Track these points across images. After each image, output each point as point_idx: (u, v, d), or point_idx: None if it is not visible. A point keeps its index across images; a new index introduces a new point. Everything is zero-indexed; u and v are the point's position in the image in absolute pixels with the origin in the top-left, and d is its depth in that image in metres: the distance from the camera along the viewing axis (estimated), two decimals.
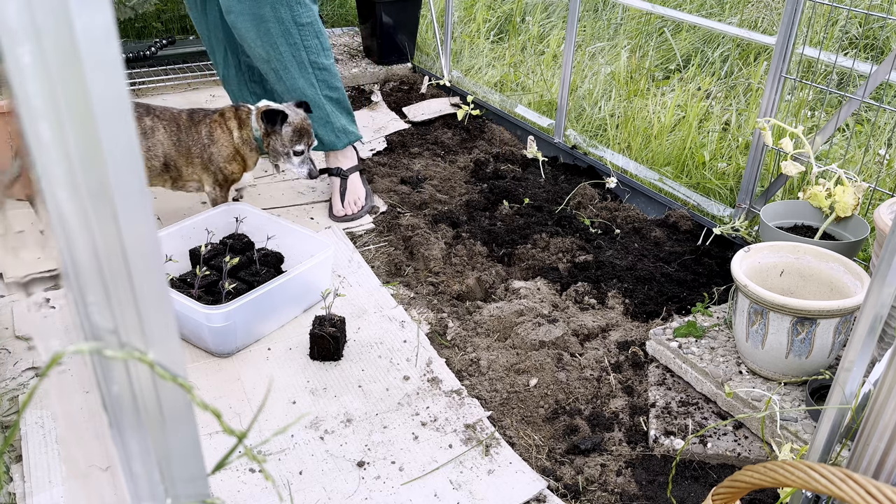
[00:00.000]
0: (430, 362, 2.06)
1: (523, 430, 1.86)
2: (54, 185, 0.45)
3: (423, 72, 4.23)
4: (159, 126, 2.43)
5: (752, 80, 3.60)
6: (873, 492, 0.76)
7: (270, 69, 2.62)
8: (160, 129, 2.43)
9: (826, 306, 1.68)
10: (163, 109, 2.49)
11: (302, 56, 2.62)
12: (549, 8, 4.76)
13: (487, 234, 2.66)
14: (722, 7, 4.48)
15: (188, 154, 2.46)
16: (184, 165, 2.48)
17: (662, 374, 1.99)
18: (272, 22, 2.50)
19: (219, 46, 2.80)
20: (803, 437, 1.67)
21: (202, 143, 2.45)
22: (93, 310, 0.49)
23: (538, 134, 3.42)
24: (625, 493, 1.67)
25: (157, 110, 2.47)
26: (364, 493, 1.64)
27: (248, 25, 2.50)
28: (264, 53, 2.57)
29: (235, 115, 2.47)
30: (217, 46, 2.80)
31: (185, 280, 2.20)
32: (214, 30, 2.76)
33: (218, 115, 2.47)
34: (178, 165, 2.48)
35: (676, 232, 2.70)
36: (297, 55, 2.61)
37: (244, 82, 2.89)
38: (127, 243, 0.47)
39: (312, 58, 2.65)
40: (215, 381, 1.97)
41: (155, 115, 2.45)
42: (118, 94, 0.44)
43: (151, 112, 2.46)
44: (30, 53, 0.42)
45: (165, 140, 2.43)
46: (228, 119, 2.46)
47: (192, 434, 0.55)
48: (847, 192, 2.13)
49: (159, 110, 2.48)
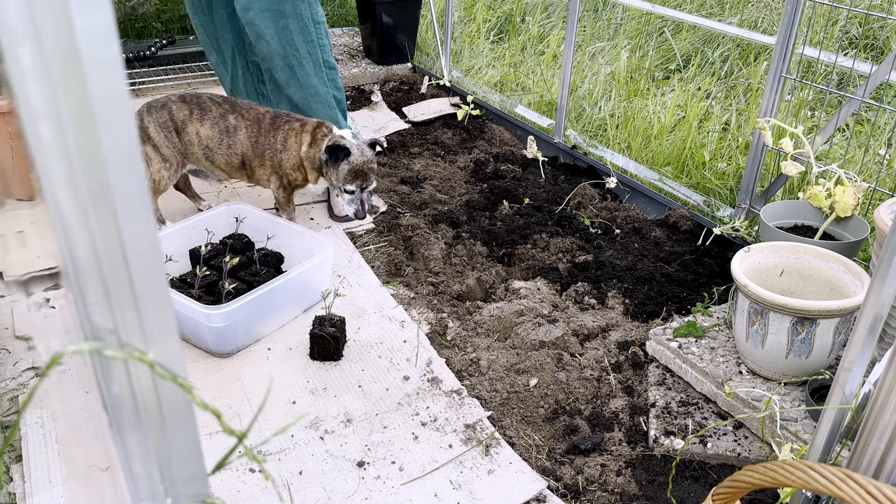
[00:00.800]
0: (430, 362, 2.06)
1: (523, 430, 1.86)
2: (54, 185, 0.45)
3: (423, 72, 4.23)
4: (242, 126, 2.47)
5: (752, 80, 3.60)
6: (873, 492, 0.76)
7: (285, 65, 2.63)
8: (242, 128, 2.47)
9: (826, 306, 1.68)
10: (248, 108, 2.51)
11: (317, 54, 2.65)
12: (549, 8, 4.76)
13: (487, 234, 2.66)
14: (722, 7, 4.48)
15: (262, 156, 2.50)
16: (257, 166, 2.52)
17: (662, 374, 1.99)
18: (292, 17, 2.53)
19: (226, 47, 2.81)
20: (803, 437, 1.67)
21: (275, 148, 2.48)
22: (93, 310, 0.49)
23: (538, 134, 3.42)
24: (625, 493, 1.67)
25: (242, 109, 2.50)
26: (364, 493, 1.64)
27: (267, 22, 2.52)
28: (280, 49, 2.58)
29: (313, 131, 2.48)
30: (224, 47, 2.81)
31: (185, 280, 2.20)
32: (222, 31, 2.76)
33: (299, 124, 2.49)
34: (252, 164, 2.52)
35: (676, 232, 2.70)
36: (313, 52, 2.64)
37: (252, 83, 2.91)
38: (127, 243, 0.47)
39: (325, 56, 2.69)
40: (215, 381, 1.97)
41: (240, 113, 2.48)
42: (118, 94, 0.44)
43: (237, 110, 2.48)
44: (30, 53, 0.42)
45: (245, 140, 2.47)
46: (304, 132, 2.48)
47: (192, 434, 0.55)
48: (847, 192, 2.13)
49: (245, 109, 2.50)
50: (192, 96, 2.52)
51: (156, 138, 2.46)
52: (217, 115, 2.48)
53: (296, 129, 2.48)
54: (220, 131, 2.47)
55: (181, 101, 2.49)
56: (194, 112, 2.47)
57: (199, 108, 2.48)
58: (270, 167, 2.52)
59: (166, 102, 2.49)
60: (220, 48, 2.81)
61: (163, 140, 2.47)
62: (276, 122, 2.49)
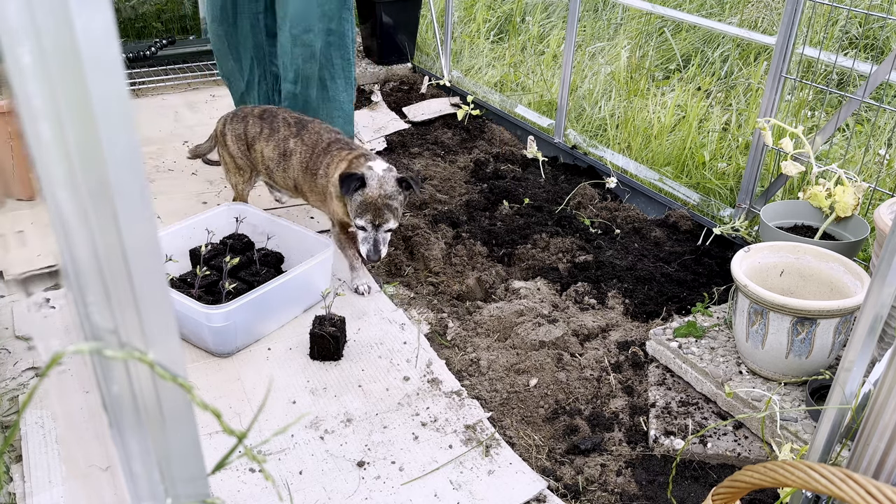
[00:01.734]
0: (430, 364, 2.06)
1: (523, 430, 1.86)
2: (54, 185, 0.45)
3: (423, 72, 4.23)
4: (298, 150, 2.38)
5: (752, 80, 3.60)
6: (873, 492, 0.76)
7: (317, 78, 2.65)
8: (298, 153, 2.38)
9: (826, 306, 1.68)
10: (313, 132, 2.38)
11: (349, 71, 2.70)
12: (549, 8, 4.76)
13: (487, 234, 2.66)
14: (722, 7, 4.48)
15: (311, 182, 2.37)
16: (308, 191, 2.42)
17: (662, 374, 1.99)
18: (336, 35, 2.61)
19: (245, 55, 2.84)
20: (803, 437, 1.67)
21: (318, 174, 2.35)
22: (93, 310, 0.49)
23: (538, 134, 3.42)
24: (625, 493, 1.67)
25: (306, 133, 2.38)
26: (364, 493, 1.64)
27: (322, 41, 2.58)
28: (316, 64, 2.62)
29: (351, 159, 2.27)
30: (244, 55, 2.84)
31: (185, 280, 2.20)
32: (244, 40, 2.79)
33: (345, 152, 2.31)
34: (304, 190, 2.43)
35: (676, 232, 2.70)
36: (347, 69, 2.70)
37: (266, 91, 2.93)
38: (127, 243, 0.47)
39: (353, 73, 2.74)
40: (215, 381, 1.97)
41: (301, 138, 2.38)
42: (118, 94, 0.44)
43: (300, 134, 2.39)
44: (30, 53, 0.42)
45: (297, 165, 2.39)
46: (343, 160, 2.29)
47: (192, 434, 0.55)
48: (847, 192, 2.13)
49: (309, 133, 2.38)
50: (270, 113, 2.46)
51: (231, 147, 2.48)
52: (281, 138, 2.41)
53: (340, 156, 2.31)
54: (280, 154, 2.42)
55: (258, 117, 2.46)
56: (264, 131, 2.43)
57: (269, 127, 2.43)
58: (318, 195, 2.39)
59: (246, 116, 2.47)
60: (238, 56, 2.84)
61: (237, 150, 2.48)
62: (329, 149, 2.34)
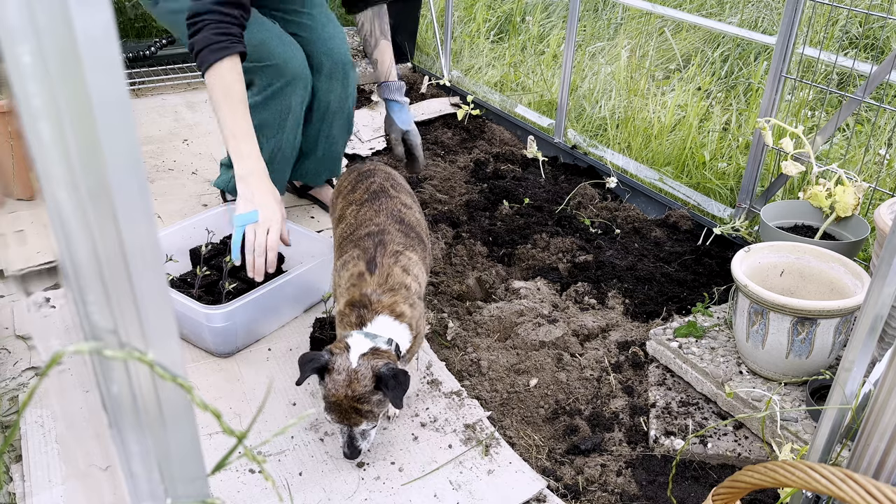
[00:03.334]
0: (430, 365, 2.05)
1: (523, 430, 1.86)
2: (54, 185, 0.45)
3: (422, 71, 4.23)
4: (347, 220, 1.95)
5: (753, 80, 3.60)
6: (873, 492, 0.76)
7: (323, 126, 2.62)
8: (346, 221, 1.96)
9: (826, 306, 1.68)
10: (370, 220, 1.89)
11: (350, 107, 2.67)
12: (549, 8, 4.76)
13: (487, 234, 2.66)
14: (722, 7, 4.48)
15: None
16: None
17: (662, 375, 1.99)
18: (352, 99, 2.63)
19: None
20: (803, 437, 1.67)
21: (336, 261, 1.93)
22: (93, 310, 0.49)
23: (538, 134, 3.41)
24: (625, 494, 1.67)
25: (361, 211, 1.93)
26: (364, 493, 1.64)
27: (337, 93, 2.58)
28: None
29: (353, 304, 1.72)
30: None
31: (185, 280, 2.20)
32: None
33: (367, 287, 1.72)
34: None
35: (676, 232, 2.70)
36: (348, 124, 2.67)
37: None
38: (127, 243, 0.47)
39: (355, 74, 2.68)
40: (215, 381, 1.97)
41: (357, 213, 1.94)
42: (118, 94, 0.44)
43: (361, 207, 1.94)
44: (30, 53, 0.42)
45: (337, 230, 2.00)
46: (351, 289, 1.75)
47: (192, 434, 0.55)
48: (847, 192, 2.13)
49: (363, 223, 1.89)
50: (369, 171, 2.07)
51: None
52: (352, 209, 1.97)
53: (355, 281, 1.75)
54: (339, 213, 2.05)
55: (359, 175, 2.08)
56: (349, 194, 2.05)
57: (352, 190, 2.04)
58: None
59: (355, 169, 2.13)
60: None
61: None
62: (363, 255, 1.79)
